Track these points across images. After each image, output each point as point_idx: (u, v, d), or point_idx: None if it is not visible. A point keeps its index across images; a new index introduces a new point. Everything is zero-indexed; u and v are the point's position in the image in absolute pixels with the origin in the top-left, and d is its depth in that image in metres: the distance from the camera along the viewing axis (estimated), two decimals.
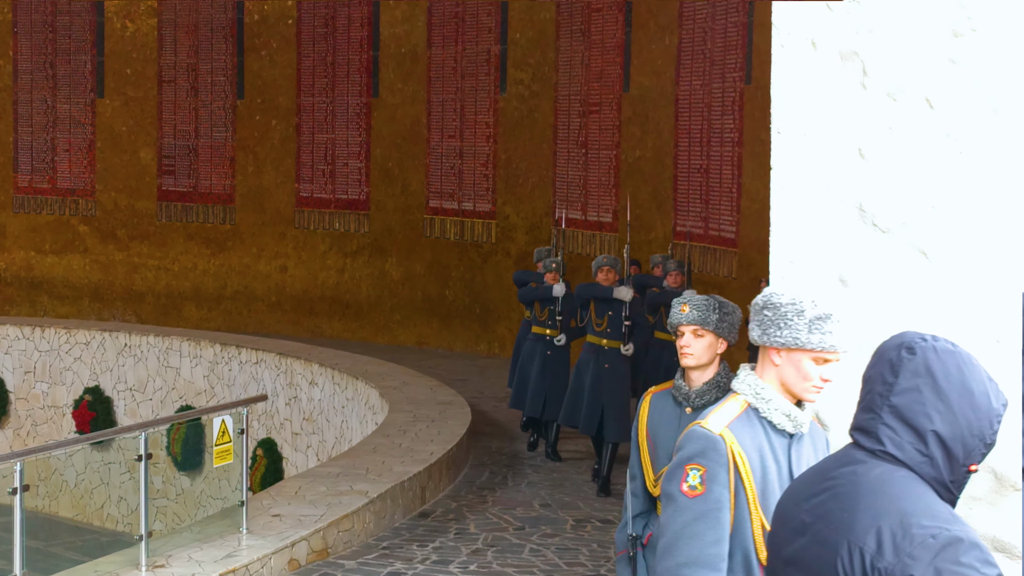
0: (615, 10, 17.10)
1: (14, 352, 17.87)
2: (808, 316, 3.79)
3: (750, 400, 3.87)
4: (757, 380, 3.89)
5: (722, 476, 3.73)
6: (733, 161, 15.00)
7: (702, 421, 3.84)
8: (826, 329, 3.79)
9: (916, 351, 2.95)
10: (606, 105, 17.31)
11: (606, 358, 11.43)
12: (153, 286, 21.14)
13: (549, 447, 12.50)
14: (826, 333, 3.79)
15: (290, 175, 20.35)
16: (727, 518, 3.74)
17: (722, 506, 3.73)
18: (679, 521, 3.74)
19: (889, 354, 3.00)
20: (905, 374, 2.95)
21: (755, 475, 3.78)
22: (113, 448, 16.22)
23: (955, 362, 2.93)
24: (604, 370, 11.38)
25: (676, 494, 3.76)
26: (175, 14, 20.71)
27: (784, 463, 3.85)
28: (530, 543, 9.66)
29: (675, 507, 3.76)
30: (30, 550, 7.48)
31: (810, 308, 3.80)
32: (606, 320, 11.41)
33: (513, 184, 18.62)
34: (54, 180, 21.28)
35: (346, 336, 19.74)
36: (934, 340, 2.97)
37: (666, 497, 3.80)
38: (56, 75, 21.16)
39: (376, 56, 19.66)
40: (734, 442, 3.76)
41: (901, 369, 2.96)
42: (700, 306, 5.07)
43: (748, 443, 3.79)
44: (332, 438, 14.51)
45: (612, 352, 11.43)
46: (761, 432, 3.83)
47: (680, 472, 3.77)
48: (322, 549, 8.95)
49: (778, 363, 3.85)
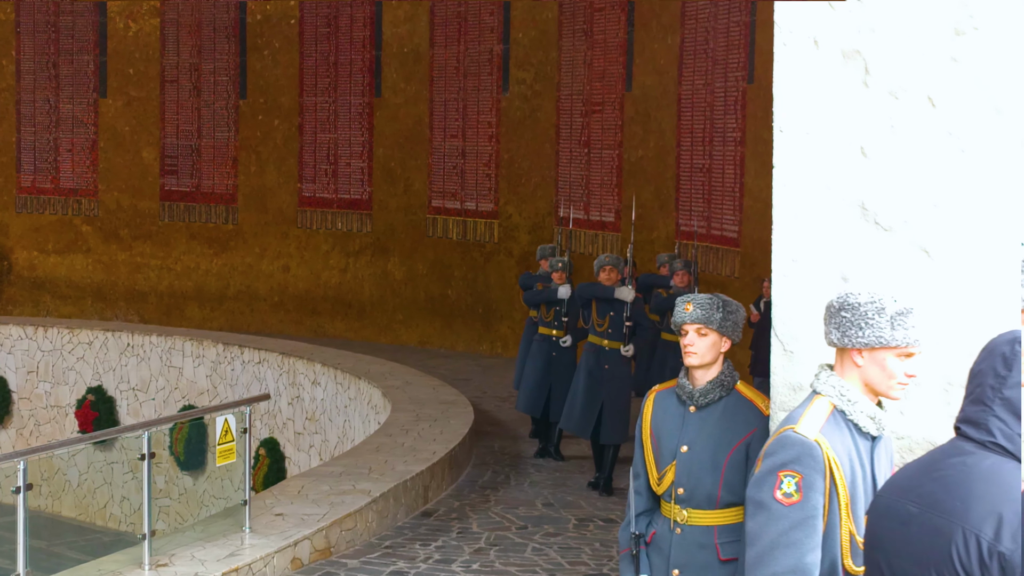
0: (617, 9, 17.10)
1: (17, 352, 17.88)
2: (889, 313, 3.75)
3: (835, 402, 3.81)
4: (841, 381, 3.82)
5: (819, 483, 3.67)
6: (735, 160, 15.00)
7: (794, 426, 3.75)
8: (908, 324, 3.75)
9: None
10: (608, 104, 17.32)
11: (606, 359, 11.30)
12: (156, 286, 21.15)
13: (552, 447, 12.48)
14: (909, 328, 3.75)
15: (292, 175, 20.35)
16: (820, 525, 3.69)
17: (818, 513, 3.67)
18: (774, 530, 3.67)
19: (1001, 348, 3.03)
20: (1018, 368, 2.98)
21: (846, 479, 3.73)
22: (116, 448, 16.23)
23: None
24: (604, 371, 11.28)
25: (769, 502, 3.68)
26: (178, 14, 20.72)
27: (868, 466, 3.80)
28: (533, 542, 9.66)
29: (768, 515, 3.68)
30: (33, 550, 7.48)
31: (891, 305, 3.76)
32: (607, 320, 11.31)
33: (515, 184, 18.62)
34: (57, 180, 21.29)
35: (349, 336, 19.74)
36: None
37: (755, 505, 3.72)
38: (59, 75, 21.17)
39: (378, 56, 19.67)
40: (829, 448, 3.70)
41: (1014, 363, 2.99)
42: (704, 305, 5.06)
43: (839, 447, 3.74)
44: (335, 438, 14.52)
45: (612, 353, 11.32)
46: (848, 435, 3.78)
47: (773, 479, 3.69)
48: (325, 548, 8.96)
49: (861, 364, 3.80)
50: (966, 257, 4.28)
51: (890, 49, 4.35)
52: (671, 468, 5.04)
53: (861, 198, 4.43)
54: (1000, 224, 4.25)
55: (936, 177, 4.31)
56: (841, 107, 4.44)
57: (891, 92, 4.36)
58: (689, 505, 5.01)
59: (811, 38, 4.48)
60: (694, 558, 5.02)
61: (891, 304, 3.76)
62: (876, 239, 4.40)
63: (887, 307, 3.75)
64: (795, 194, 4.56)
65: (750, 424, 4.96)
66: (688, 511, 5.01)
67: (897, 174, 4.37)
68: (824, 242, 4.50)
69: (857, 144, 4.42)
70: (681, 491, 5.01)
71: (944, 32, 4.28)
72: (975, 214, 4.27)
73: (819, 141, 4.49)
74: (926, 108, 4.32)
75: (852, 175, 4.44)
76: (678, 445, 5.04)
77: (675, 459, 5.03)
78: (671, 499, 5.05)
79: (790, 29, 4.52)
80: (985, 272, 4.25)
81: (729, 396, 5.05)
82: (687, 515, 5.01)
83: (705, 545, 5.00)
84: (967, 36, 4.25)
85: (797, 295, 4.58)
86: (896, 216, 4.37)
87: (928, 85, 4.31)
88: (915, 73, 4.32)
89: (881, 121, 4.38)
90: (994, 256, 4.23)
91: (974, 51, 4.25)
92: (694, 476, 4.99)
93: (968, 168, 4.28)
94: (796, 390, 4.61)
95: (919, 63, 4.32)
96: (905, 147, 4.35)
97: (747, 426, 4.97)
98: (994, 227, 4.25)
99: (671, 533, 5.05)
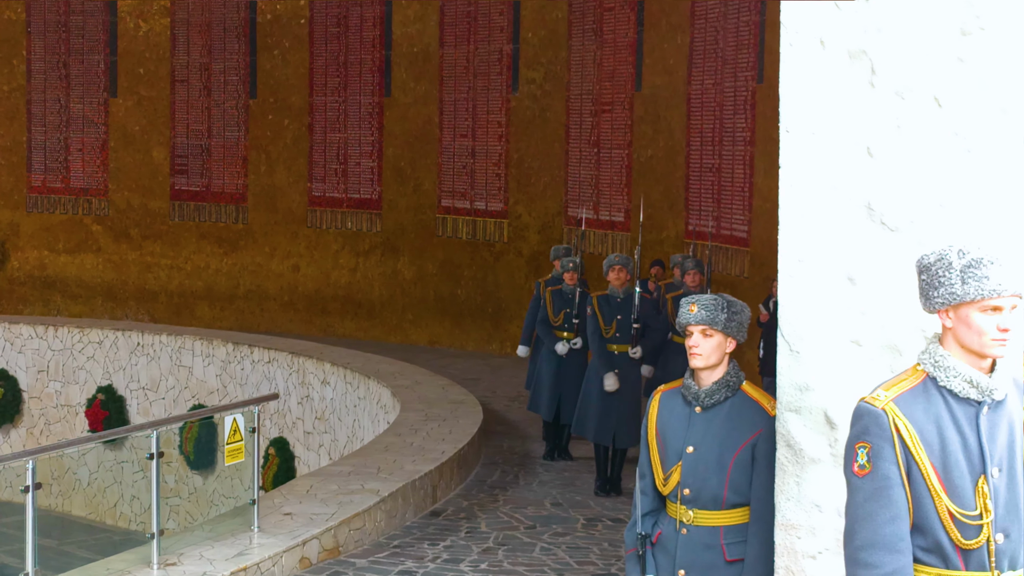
0: (627, 9, 17.09)
1: (27, 351, 17.91)
2: (957, 267, 3.60)
3: (928, 370, 3.68)
4: (937, 348, 3.69)
5: (887, 451, 3.59)
6: (745, 160, 14.98)
7: (865, 396, 3.69)
8: (981, 275, 3.58)
9: None
10: (618, 104, 17.31)
11: (615, 363, 11.11)
12: (166, 285, 21.18)
13: (561, 446, 12.47)
14: (982, 279, 3.58)
15: (302, 174, 20.37)
16: (901, 495, 3.60)
17: (892, 483, 3.59)
18: (853, 503, 3.64)
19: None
20: None
21: (932, 450, 3.61)
22: (126, 447, 16.26)
23: None
24: (616, 376, 11.07)
25: (849, 475, 3.66)
26: (188, 14, 20.74)
27: (972, 435, 3.64)
28: (541, 542, 9.66)
29: (850, 489, 3.65)
30: (43, 549, 7.50)
31: (957, 258, 3.60)
32: (615, 325, 11.11)
33: (525, 183, 18.62)
34: (67, 180, 21.33)
35: (358, 335, 19.75)
36: None
37: (846, 481, 3.71)
38: (69, 75, 21.20)
39: (388, 55, 19.68)
40: (898, 415, 3.60)
41: None
42: (708, 306, 5.05)
43: (920, 415, 3.62)
44: (344, 437, 14.53)
45: (621, 357, 11.12)
46: (940, 403, 3.65)
47: (851, 452, 3.66)
48: (333, 547, 8.97)
49: (950, 325, 3.65)
50: None
51: (896, 49, 4.35)
52: (677, 469, 5.03)
53: (867, 198, 4.42)
54: (1006, 224, 4.25)
55: (942, 177, 4.31)
56: (847, 107, 4.44)
57: (897, 92, 4.36)
58: (695, 506, 5.01)
59: (817, 38, 4.48)
60: (700, 558, 5.01)
61: (958, 257, 3.61)
62: (882, 239, 4.40)
63: (953, 261, 3.61)
64: (801, 194, 4.56)
65: (756, 425, 4.96)
66: (694, 511, 5.01)
67: (903, 174, 4.36)
68: (830, 242, 4.50)
69: (863, 144, 4.42)
70: (687, 492, 5.01)
71: (950, 32, 4.27)
72: (981, 214, 4.26)
73: (825, 141, 4.49)
74: (932, 108, 4.31)
75: (858, 175, 4.43)
76: (684, 446, 5.03)
77: (681, 459, 5.03)
78: (677, 499, 5.05)
79: (796, 29, 4.52)
80: None
81: (735, 397, 5.04)
82: (693, 515, 5.01)
83: (711, 545, 5.00)
84: (973, 36, 4.25)
85: (803, 295, 4.57)
86: (902, 216, 4.37)
87: (934, 85, 4.31)
88: (921, 73, 4.32)
89: (887, 121, 4.38)
90: (1001, 256, 4.22)
91: (980, 51, 4.24)
92: (700, 477, 4.99)
93: (974, 168, 4.27)
94: (803, 390, 4.61)
95: (925, 63, 4.31)
96: (911, 147, 4.35)
97: (753, 427, 4.96)
98: (1000, 227, 4.25)
99: (677, 533, 5.05)
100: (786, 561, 4.71)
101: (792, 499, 4.69)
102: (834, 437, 4.55)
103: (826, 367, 4.55)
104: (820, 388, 4.57)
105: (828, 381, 4.55)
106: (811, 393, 4.59)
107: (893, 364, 4.37)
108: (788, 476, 4.69)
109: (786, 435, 4.69)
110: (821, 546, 4.63)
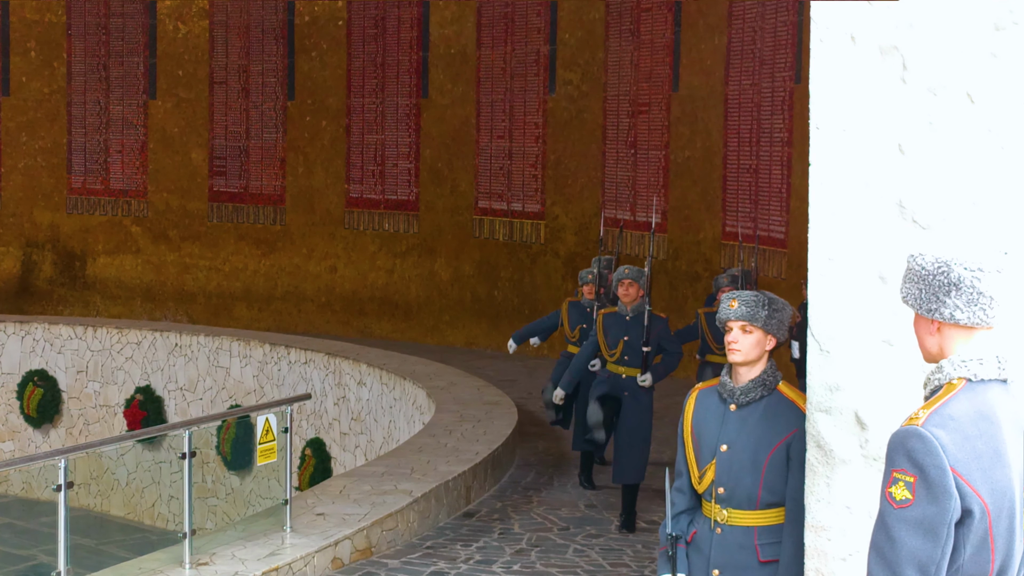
0: (664, 10, 17.03)
1: (67, 352, 18.02)
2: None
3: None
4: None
5: None
6: (782, 161, 14.90)
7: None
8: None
9: None
10: (655, 105, 17.25)
11: (623, 388, 10.07)
12: (204, 286, 21.26)
13: (583, 474, 11.41)
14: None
15: (340, 176, 20.41)
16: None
17: None
18: None
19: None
20: None
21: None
22: (164, 447, 16.31)
23: None
24: (623, 398, 10.08)
25: None
26: (227, 16, 20.82)
27: None
28: (574, 543, 9.63)
29: None
30: (80, 548, 7.54)
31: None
32: (621, 346, 10.04)
33: (562, 185, 18.59)
34: (107, 181, 21.45)
35: (395, 336, 19.77)
36: None
37: None
38: (109, 77, 21.32)
39: (425, 57, 19.69)
40: None
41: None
42: (749, 302, 5.00)
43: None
44: (380, 438, 14.53)
45: (629, 381, 10.04)
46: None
47: None
48: (366, 548, 8.96)
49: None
50: (1006, 256, 4.21)
51: (928, 45, 4.29)
52: (711, 466, 5.01)
53: (899, 196, 4.37)
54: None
55: (975, 174, 4.25)
56: (879, 104, 4.39)
57: (929, 88, 4.30)
58: (729, 505, 4.97)
59: (848, 34, 4.43)
60: (734, 558, 4.98)
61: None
62: (914, 237, 4.34)
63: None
64: (832, 192, 4.51)
65: (791, 425, 4.91)
66: (728, 511, 4.97)
67: (935, 171, 4.31)
68: (861, 240, 4.44)
69: (895, 141, 4.37)
70: (721, 490, 4.98)
71: (983, 27, 4.21)
72: (1015, 212, 4.20)
73: (856, 138, 4.44)
74: (965, 104, 4.26)
75: (890, 173, 4.38)
76: (718, 443, 5.00)
77: (715, 457, 4.99)
78: (711, 498, 5.02)
79: (827, 25, 4.47)
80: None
81: (771, 396, 5.00)
82: (727, 515, 4.98)
83: (745, 546, 4.97)
84: (1007, 31, 4.19)
85: (834, 294, 4.52)
86: (934, 214, 4.31)
87: (967, 81, 4.25)
88: (954, 69, 4.26)
89: (919, 118, 4.32)
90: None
91: (1014, 46, 4.18)
92: (734, 475, 4.95)
93: (1007, 165, 4.21)
94: (832, 390, 4.56)
95: (958, 59, 4.25)
96: (944, 144, 4.29)
97: (788, 427, 4.92)
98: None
99: (711, 533, 5.02)
100: (816, 563, 4.66)
101: (822, 500, 4.64)
102: (864, 438, 4.50)
103: (857, 367, 4.49)
104: (851, 388, 4.52)
105: (859, 381, 4.50)
106: (841, 393, 4.54)
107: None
108: (818, 477, 4.64)
109: (816, 436, 4.64)
110: (852, 548, 4.57)
